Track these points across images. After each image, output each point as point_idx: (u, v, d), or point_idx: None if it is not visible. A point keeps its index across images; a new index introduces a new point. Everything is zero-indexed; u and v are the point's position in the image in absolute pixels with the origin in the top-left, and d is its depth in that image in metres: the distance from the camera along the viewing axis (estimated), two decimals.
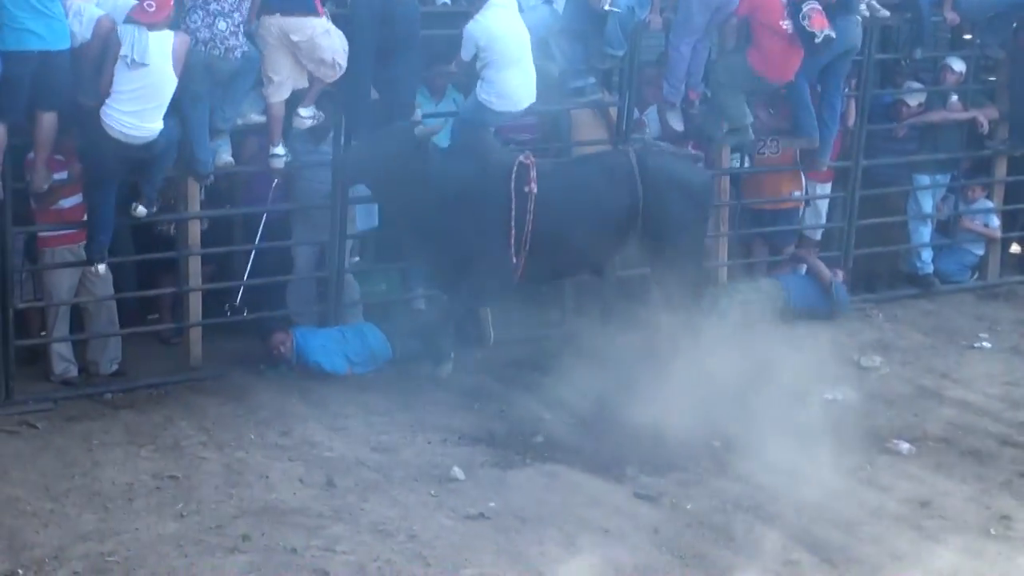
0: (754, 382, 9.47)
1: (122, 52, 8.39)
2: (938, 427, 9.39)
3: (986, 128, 11.48)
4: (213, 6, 8.72)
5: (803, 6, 9.98)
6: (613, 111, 10.37)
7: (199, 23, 8.71)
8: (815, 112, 10.63)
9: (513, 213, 8.96)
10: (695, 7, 10.14)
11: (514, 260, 9.09)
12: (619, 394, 9.28)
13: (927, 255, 11.78)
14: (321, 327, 9.79)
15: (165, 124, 8.54)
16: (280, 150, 9.26)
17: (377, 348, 9.65)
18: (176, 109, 8.65)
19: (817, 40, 10.02)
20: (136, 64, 8.40)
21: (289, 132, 9.31)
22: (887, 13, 10.88)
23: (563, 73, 9.98)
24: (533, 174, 9.02)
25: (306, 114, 9.26)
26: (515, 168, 9.00)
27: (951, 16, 11.27)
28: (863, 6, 10.70)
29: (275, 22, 8.93)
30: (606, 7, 9.62)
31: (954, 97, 11.54)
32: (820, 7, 10.00)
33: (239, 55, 8.77)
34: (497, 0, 9.30)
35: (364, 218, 10.20)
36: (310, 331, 9.67)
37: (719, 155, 10.77)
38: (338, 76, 9.07)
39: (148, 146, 8.59)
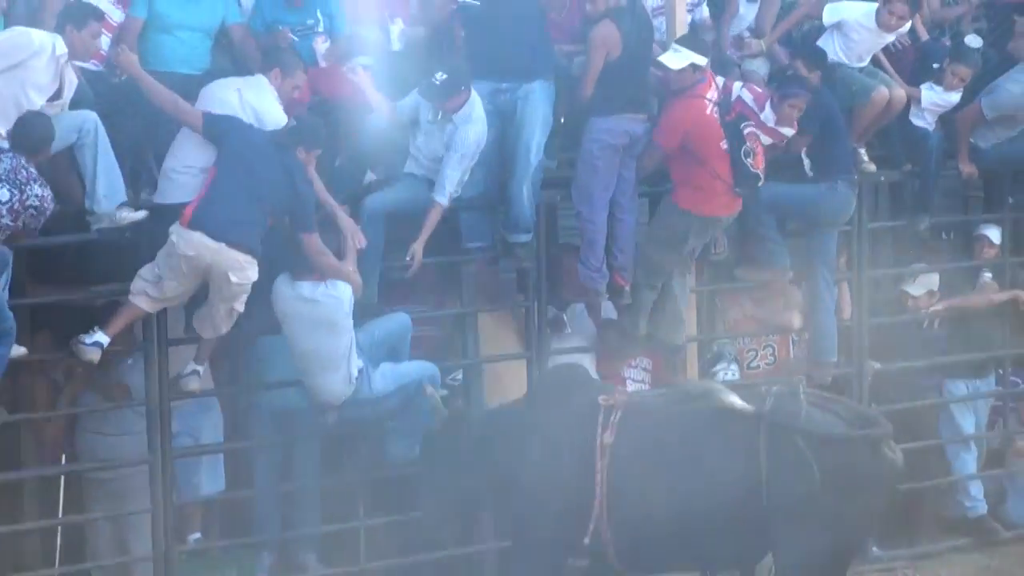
0: None
1: None
2: None
3: None
4: None
5: (743, 130, 9.74)
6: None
7: None
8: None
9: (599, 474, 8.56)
10: (596, 152, 9.76)
11: (601, 539, 8.55)
12: None
13: (976, 491, 11.18)
14: None
15: None
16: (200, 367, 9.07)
17: None
18: None
19: (760, 183, 9.85)
20: None
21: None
22: (874, 168, 10.67)
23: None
24: (614, 418, 8.55)
25: (203, 371, 9.10)
26: (601, 413, 8.66)
27: (968, 169, 10.96)
28: None
29: (211, 248, 8.62)
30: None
31: (987, 275, 11.20)
32: (758, 132, 9.80)
33: None
34: None
35: (210, 478, 9.75)
36: None
37: (677, 367, 10.32)
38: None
39: None
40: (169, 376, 9.14)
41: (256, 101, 8.97)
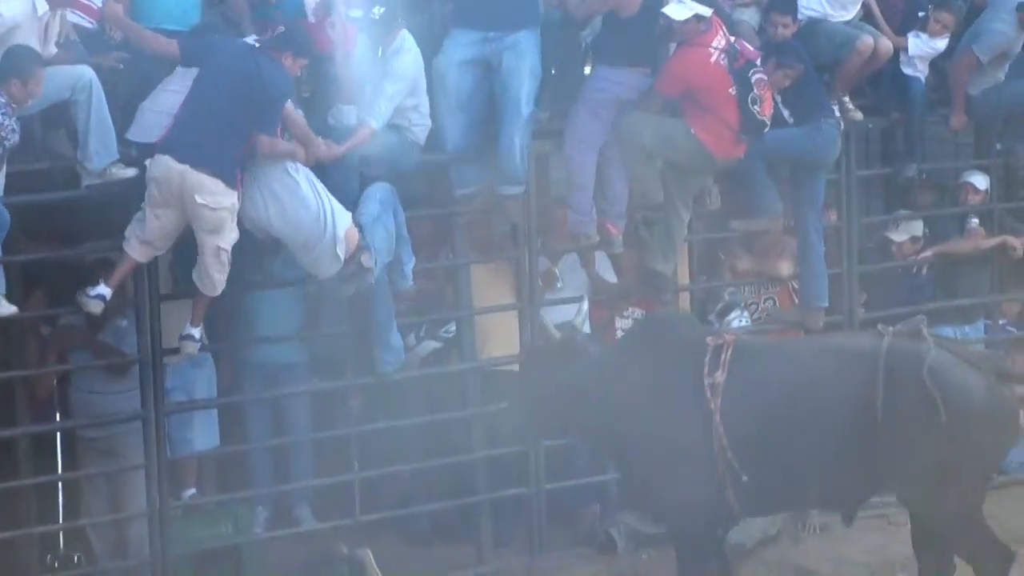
0: None
1: None
2: None
3: (1020, 254, 11.25)
4: None
5: (751, 77, 9.71)
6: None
7: None
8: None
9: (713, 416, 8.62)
10: (602, 100, 9.81)
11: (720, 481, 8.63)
12: None
13: None
14: None
15: None
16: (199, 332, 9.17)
17: None
18: None
19: (766, 130, 9.90)
20: None
21: None
22: (859, 115, 10.74)
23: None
24: (725, 357, 8.61)
25: (199, 336, 9.16)
26: (709, 353, 8.69)
27: (957, 120, 11.07)
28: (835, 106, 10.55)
29: (176, 170, 8.67)
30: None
31: (974, 221, 11.25)
32: (767, 79, 9.88)
33: None
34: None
35: (204, 434, 9.86)
36: None
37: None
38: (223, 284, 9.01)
39: None
40: (160, 331, 9.11)
41: None
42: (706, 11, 9.61)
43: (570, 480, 10.22)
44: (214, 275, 8.81)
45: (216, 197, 8.63)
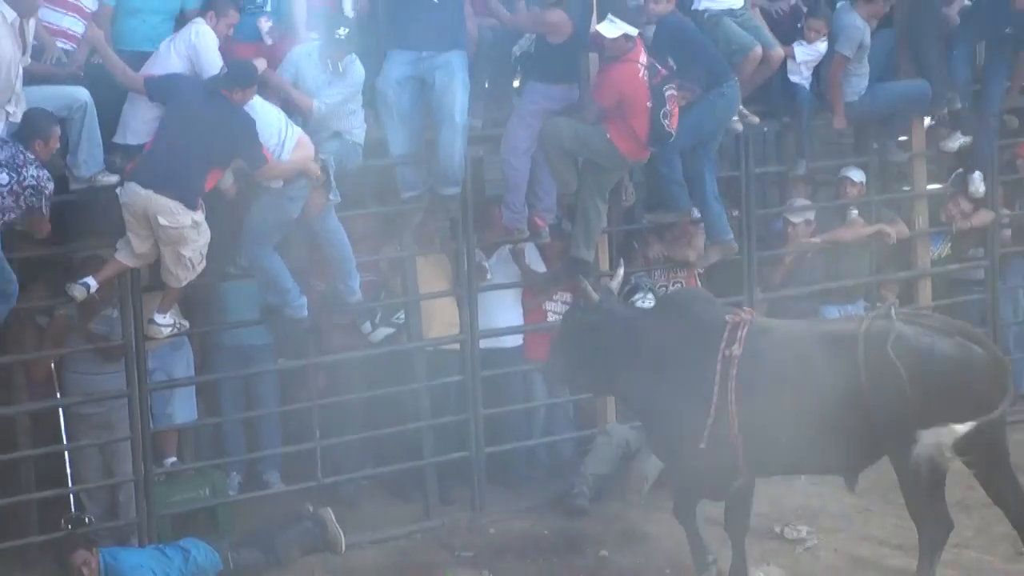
0: (673, 565, 9.70)
1: None
2: None
3: (894, 240, 11.71)
4: None
5: (665, 92, 10.14)
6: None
7: None
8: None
9: (716, 385, 8.97)
10: (535, 111, 10.32)
11: (730, 443, 8.97)
12: None
13: None
14: (130, 545, 9.73)
15: None
16: (165, 319, 9.52)
17: (204, 562, 9.56)
18: None
19: (671, 140, 10.31)
20: None
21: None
22: (756, 119, 11.14)
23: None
24: (741, 333, 9.01)
25: (164, 322, 9.53)
26: (727, 330, 9.04)
27: (838, 120, 11.54)
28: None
29: (141, 195, 9.10)
30: None
31: (854, 212, 11.77)
32: (676, 94, 10.24)
33: None
34: None
35: (183, 409, 10.32)
36: (121, 549, 9.52)
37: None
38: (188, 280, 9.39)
39: None
40: (142, 319, 9.52)
41: (190, 37, 9.39)
42: (634, 31, 10.03)
43: (507, 444, 10.71)
44: (178, 272, 9.26)
45: (176, 217, 9.06)
